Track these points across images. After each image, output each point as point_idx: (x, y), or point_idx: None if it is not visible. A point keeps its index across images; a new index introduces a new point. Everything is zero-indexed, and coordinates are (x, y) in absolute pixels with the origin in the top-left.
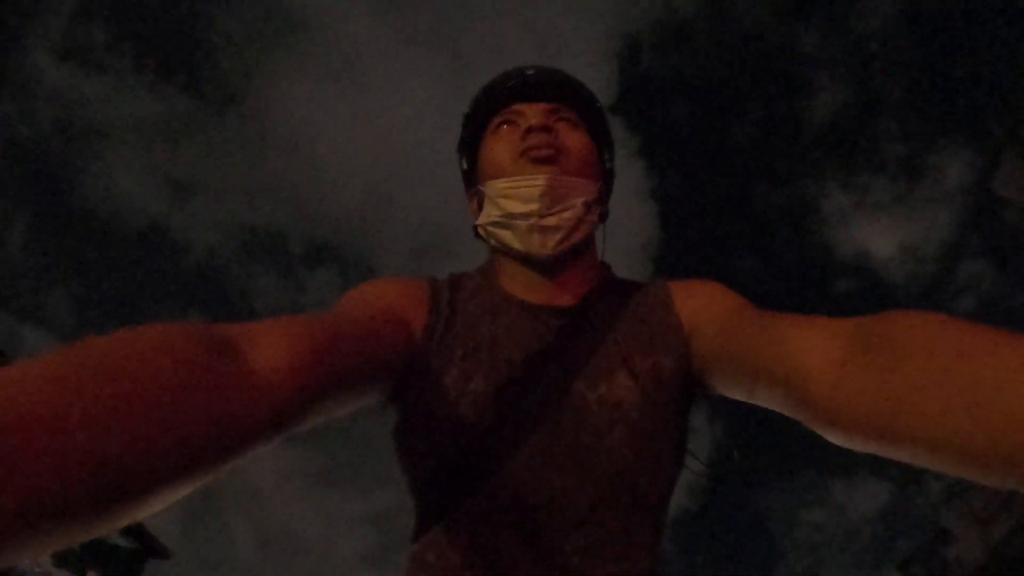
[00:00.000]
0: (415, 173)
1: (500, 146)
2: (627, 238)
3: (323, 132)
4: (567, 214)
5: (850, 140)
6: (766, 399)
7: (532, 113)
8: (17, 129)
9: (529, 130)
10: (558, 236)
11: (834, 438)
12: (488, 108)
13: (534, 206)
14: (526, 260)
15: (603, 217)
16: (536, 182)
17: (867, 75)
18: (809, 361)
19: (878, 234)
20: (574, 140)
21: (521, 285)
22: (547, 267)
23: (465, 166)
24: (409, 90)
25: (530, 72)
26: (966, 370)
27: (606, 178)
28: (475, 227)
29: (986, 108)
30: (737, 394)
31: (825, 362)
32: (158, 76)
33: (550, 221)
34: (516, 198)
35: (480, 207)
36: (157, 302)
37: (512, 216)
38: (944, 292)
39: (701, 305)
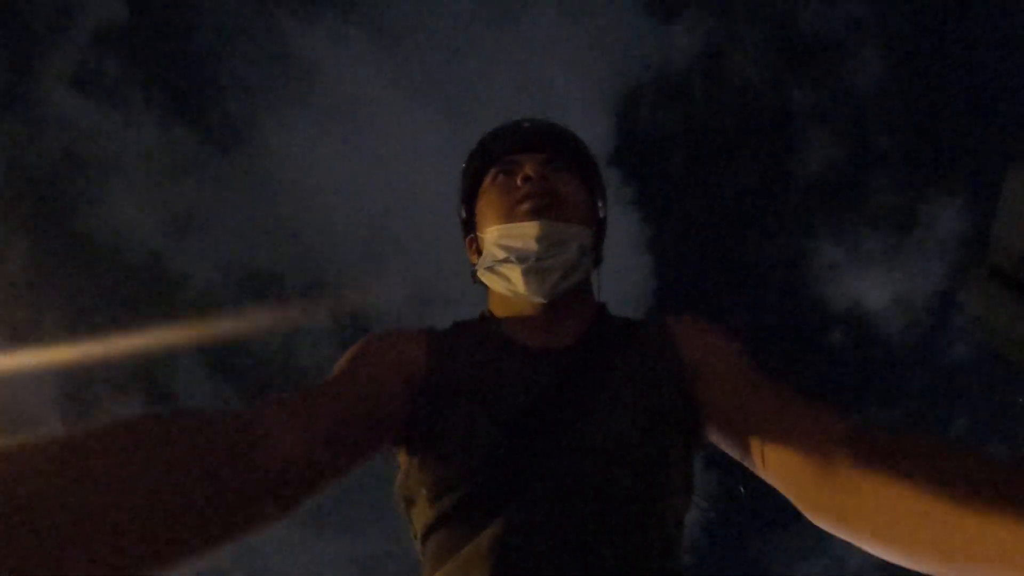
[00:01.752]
0: (413, 220)
1: (498, 194)
2: (622, 289)
3: (324, 176)
4: (562, 258)
5: (842, 192)
6: (753, 469)
7: (528, 163)
8: (25, 152)
9: (525, 179)
10: (554, 278)
11: (810, 519)
12: (486, 158)
13: (531, 251)
14: (525, 303)
15: (597, 262)
16: (532, 228)
17: (858, 128)
18: (795, 458)
19: (871, 285)
20: (568, 188)
21: (521, 328)
22: (545, 310)
23: (463, 214)
24: (409, 139)
25: (526, 124)
26: (936, 504)
27: (599, 225)
28: (473, 272)
29: (976, 156)
30: (728, 451)
31: (809, 466)
32: (167, 112)
33: (546, 264)
34: (513, 244)
35: (478, 253)
36: (153, 334)
37: (510, 261)
38: (937, 342)
39: (704, 346)
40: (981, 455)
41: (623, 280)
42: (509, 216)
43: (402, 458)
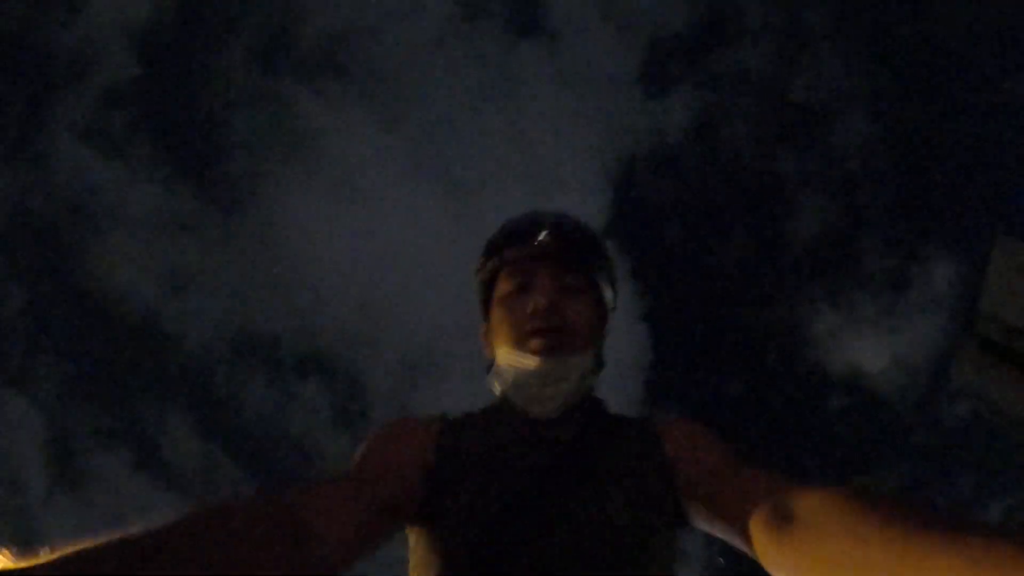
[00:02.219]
0: (410, 292)
1: (509, 312)
2: (619, 360)
3: (322, 242)
4: (564, 387)
5: (835, 256)
6: (734, 544)
7: (544, 288)
8: (31, 201)
9: (536, 310)
10: (556, 404)
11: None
12: (502, 258)
13: (534, 381)
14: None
15: (598, 367)
16: (539, 365)
17: (848, 192)
18: (751, 526)
19: (868, 347)
20: (578, 313)
21: (523, 422)
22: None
23: (481, 297)
24: (407, 211)
25: (546, 236)
26: (881, 556)
27: (607, 315)
28: (488, 368)
29: (967, 211)
30: (710, 531)
31: (763, 529)
32: (171, 170)
33: (548, 392)
34: (520, 373)
35: (490, 345)
36: (143, 391)
37: (517, 385)
38: (938, 401)
39: (686, 444)
40: (950, 519)
41: (619, 351)
42: (519, 344)
43: (412, 539)
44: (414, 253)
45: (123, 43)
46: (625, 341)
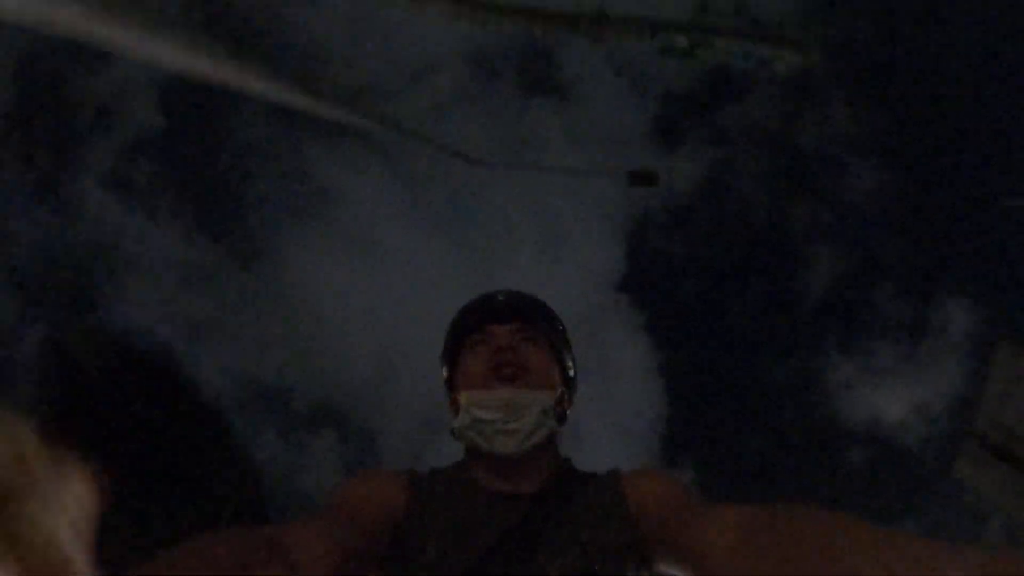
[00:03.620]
0: (422, 348)
1: (473, 363)
2: (637, 414)
3: (337, 297)
4: (525, 421)
5: (850, 306)
6: None
7: (500, 335)
8: (54, 243)
9: (497, 350)
10: (518, 438)
11: None
12: (465, 327)
13: (499, 415)
14: (493, 456)
15: (561, 419)
16: (500, 396)
17: (861, 239)
18: (705, 554)
19: (887, 398)
20: (535, 358)
21: (489, 476)
22: (511, 462)
23: (445, 374)
24: (421, 267)
25: (500, 298)
26: (820, 561)
27: (568, 384)
28: (452, 430)
29: (983, 254)
30: (672, 571)
31: (716, 553)
32: (192, 221)
33: (511, 426)
34: (484, 408)
35: (456, 412)
36: (156, 434)
37: (481, 422)
38: (959, 450)
39: (647, 492)
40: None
41: (636, 405)
42: (482, 384)
43: None
44: (429, 309)
45: (149, 95)
46: (641, 396)
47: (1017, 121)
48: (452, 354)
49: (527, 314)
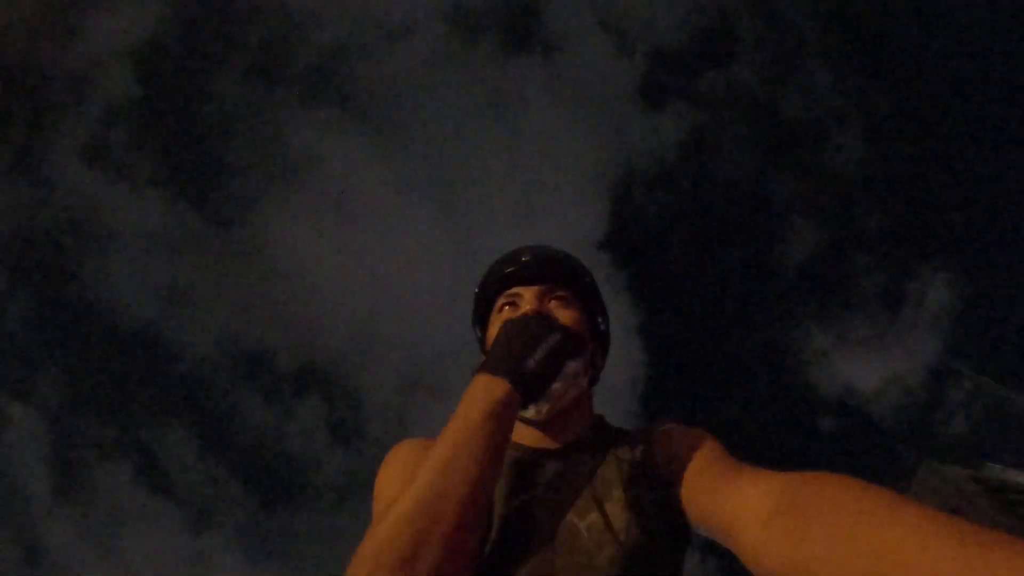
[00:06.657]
0: (404, 309)
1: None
2: (615, 375)
3: (319, 261)
4: (556, 385)
5: (827, 276)
6: (716, 538)
7: (528, 297)
8: (33, 218)
9: (526, 314)
10: (548, 404)
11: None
12: (493, 289)
13: None
14: (521, 419)
15: (593, 380)
16: None
17: (841, 210)
18: (739, 518)
19: (862, 368)
20: (564, 317)
21: (520, 434)
22: (540, 423)
23: (478, 334)
24: (401, 229)
25: (526, 258)
26: (866, 536)
27: (601, 340)
28: None
29: (959, 227)
30: (705, 530)
31: (750, 521)
32: (171, 188)
33: None
34: None
35: None
36: (141, 402)
37: None
38: (934, 419)
39: (682, 449)
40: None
41: (616, 363)
42: None
43: None
44: (411, 271)
45: (123, 64)
46: (621, 355)
47: (1000, 97)
48: (482, 319)
49: (556, 273)
